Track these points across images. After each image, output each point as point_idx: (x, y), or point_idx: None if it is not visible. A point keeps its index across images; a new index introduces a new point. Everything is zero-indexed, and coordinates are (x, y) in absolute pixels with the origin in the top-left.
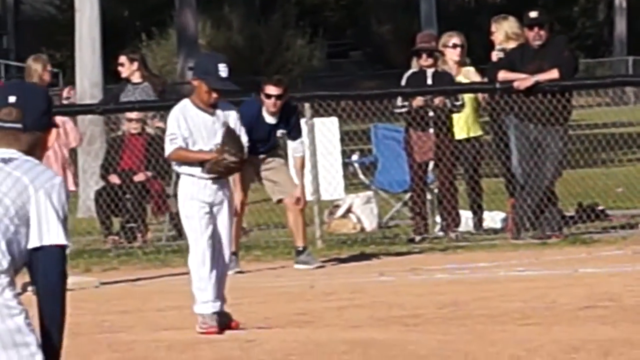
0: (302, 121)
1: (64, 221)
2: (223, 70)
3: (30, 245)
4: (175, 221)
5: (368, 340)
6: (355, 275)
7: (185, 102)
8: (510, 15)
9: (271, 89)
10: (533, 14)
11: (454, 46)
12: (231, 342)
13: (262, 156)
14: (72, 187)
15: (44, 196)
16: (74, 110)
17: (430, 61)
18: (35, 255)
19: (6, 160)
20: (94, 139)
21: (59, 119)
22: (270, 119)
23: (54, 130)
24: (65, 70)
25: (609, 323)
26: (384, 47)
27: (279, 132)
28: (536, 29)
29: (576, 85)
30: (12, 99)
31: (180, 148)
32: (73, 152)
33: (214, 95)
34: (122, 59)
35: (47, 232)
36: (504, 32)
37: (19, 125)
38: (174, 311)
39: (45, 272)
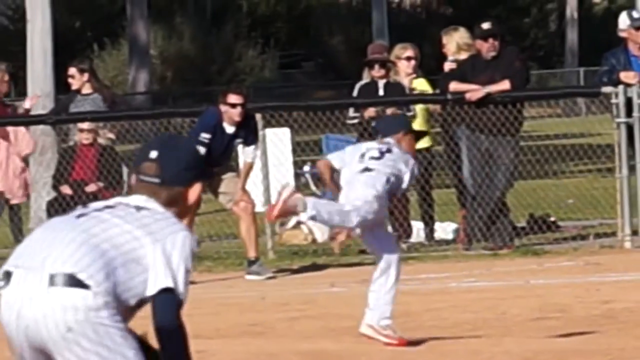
0: None
1: (186, 273)
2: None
3: (147, 293)
4: None
5: (320, 351)
6: (307, 286)
7: None
8: (461, 26)
9: (235, 98)
10: (486, 25)
11: (408, 59)
12: None
13: (215, 169)
14: (23, 199)
15: (161, 248)
16: (26, 121)
17: (382, 72)
18: (152, 303)
19: (139, 208)
20: (46, 150)
21: (10, 128)
22: (230, 129)
23: (197, 185)
24: (17, 81)
25: (560, 334)
26: (335, 57)
27: (237, 142)
28: (491, 40)
29: (528, 96)
30: (153, 154)
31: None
32: (25, 161)
33: None
34: (72, 70)
35: (157, 279)
36: (455, 43)
37: (156, 180)
38: None
39: (158, 316)
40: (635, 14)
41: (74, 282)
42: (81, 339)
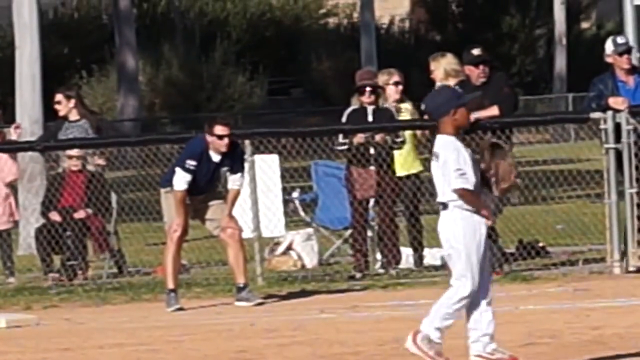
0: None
1: None
2: None
3: None
4: (117, 258)
5: None
6: (296, 312)
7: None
8: (449, 52)
9: (221, 129)
10: (476, 52)
11: (395, 84)
12: None
13: (201, 196)
14: (9, 225)
15: None
16: (14, 148)
17: (372, 98)
18: None
19: None
20: (34, 176)
21: None
22: (216, 157)
23: None
24: (5, 107)
25: None
26: (324, 84)
27: (223, 170)
28: (481, 67)
29: (516, 122)
30: None
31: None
32: (13, 188)
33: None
34: (59, 97)
35: None
36: (442, 70)
37: None
38: (114, 349)
39: None
40: (619, 40)
41: None
42: None
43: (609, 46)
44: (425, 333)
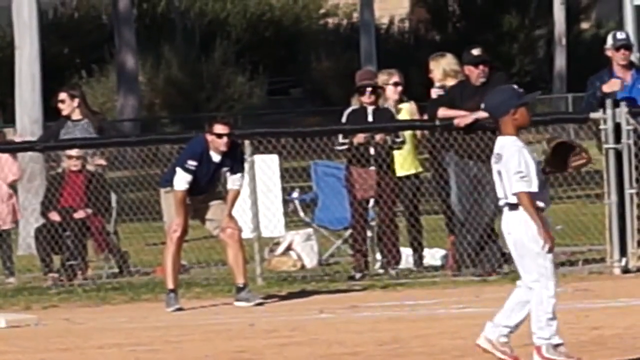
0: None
1: None
2: None
3: None
4: (117, 258)
5: None
6: (295, 312)
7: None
8: (449, 52)
9: (221, 128)
10: (476, 52)
11: (395, 84)
12: None
13: (201, 196)
14: (13, 225)
15: None
16: (14, 148)
17: (372, 98)
18: None
19: None
20: (34, 176)
21: None
22: (216, 157)
23: None
24: (5, 107)
25: None
26: (324, 84)
27: (223, 170)
28: (481, 67)
29: None
30: None
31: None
32: (13, 188)
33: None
34: (63, 95)
35: None
36: (441, 70)
37: None
38: (114, 349)
39: None
40: (618, 35)
41: None
42: None
43: (608, 40)
44: (546, 343)
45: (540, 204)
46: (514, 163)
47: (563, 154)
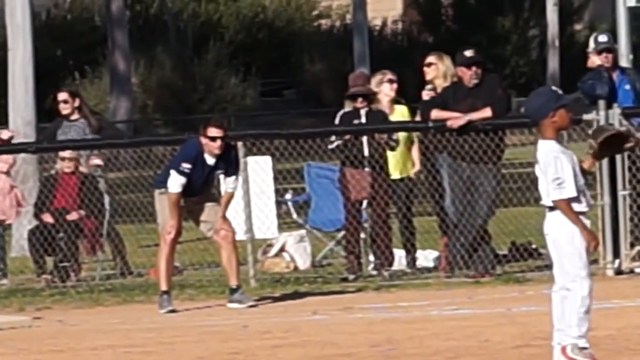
0: None
1: None
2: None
3: None
4: (119, 259)
5: None
6: (288, 314)
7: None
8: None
9: (215, 131)
10: (469, 53)
11: (390, 81)
12: None
13: (195, 198)
14: (18, 218)
15: None
16: (7, 149)
17: (364, 103)
18: None
19: None
20: (27, 178)
21: None
22: (210, 160)
23: None
24: None
25: None
26: (317, 85)
27: (217, 173)
28: (474, 68)
29: (509, 123)
30: None
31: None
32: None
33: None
34: (65, 95)
35: None
36: (444, 68)
37: None
38: (107, 350)
39: None
40: (600, 38)
41: None
42: None
43: (590, 44)
44: (572, 343)
45: (581, 207)
46: (551, 170)
47: (610, 144)
